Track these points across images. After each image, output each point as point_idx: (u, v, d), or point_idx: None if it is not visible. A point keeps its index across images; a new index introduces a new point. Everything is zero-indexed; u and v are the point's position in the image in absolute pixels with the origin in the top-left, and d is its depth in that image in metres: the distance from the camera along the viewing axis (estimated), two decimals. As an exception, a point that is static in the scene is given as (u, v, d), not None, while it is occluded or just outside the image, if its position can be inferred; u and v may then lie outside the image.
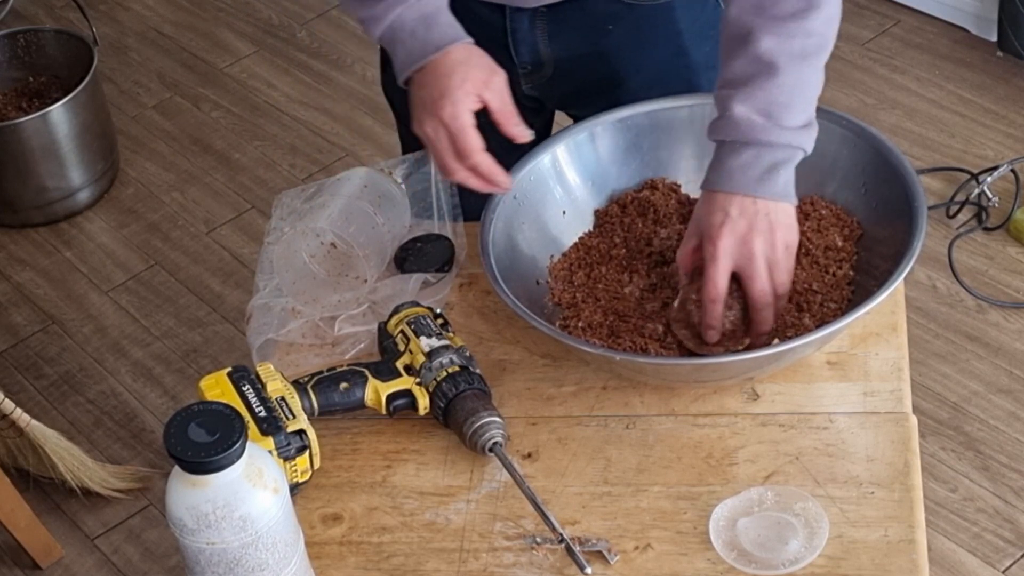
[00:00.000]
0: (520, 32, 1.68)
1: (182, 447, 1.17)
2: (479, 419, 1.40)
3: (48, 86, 3.26)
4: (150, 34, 3.75)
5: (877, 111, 3.20)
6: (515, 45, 1.69)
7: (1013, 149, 3.05)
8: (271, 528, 1.20)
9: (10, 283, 3.08)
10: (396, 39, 1.53)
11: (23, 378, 2.86)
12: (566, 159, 1.61)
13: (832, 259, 1.52)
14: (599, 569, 1.31)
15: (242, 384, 1.41)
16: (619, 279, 1.54)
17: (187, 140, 3.40)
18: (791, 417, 1.43)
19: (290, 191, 1.70)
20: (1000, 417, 2.56)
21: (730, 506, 1.35)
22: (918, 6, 3.44)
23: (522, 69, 1.71)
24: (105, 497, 2.59)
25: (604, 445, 1.43)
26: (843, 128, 1.56)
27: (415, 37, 1.52)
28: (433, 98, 1.48)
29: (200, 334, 2.92)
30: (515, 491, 1.37)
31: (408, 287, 1.60)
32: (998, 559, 2.36)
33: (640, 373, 1.47)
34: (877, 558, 1.29)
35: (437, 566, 1.34)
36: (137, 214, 3.22)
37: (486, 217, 1.53)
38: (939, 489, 2.45)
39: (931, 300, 2.77)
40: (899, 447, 1.39)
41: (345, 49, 3.61)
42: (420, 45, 1.51)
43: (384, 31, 1.54)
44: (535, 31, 1.68)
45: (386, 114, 3.33)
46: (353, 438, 1.47)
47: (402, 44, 1.53)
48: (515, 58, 1.70)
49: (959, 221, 2.92)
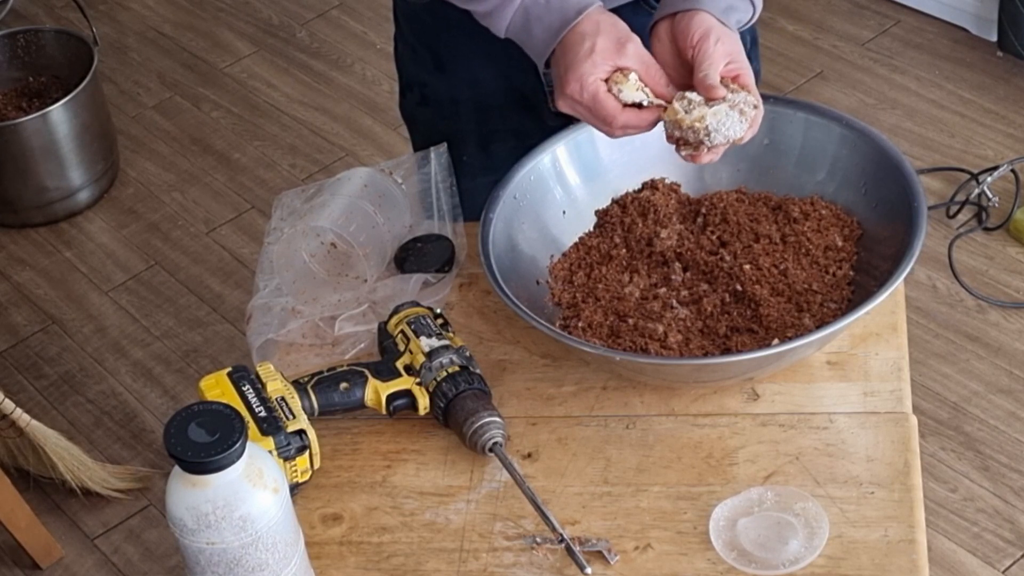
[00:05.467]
0: None
1: (182, 447, 1.17)
2: (479, 419, 1.40)
3: (48, 86, 3.26)
4: (150, 34, 3.75)
5: (877, 111, 3.20)
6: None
7: (1013, 149, 3.05)
8: (271, 528, 1.20)
9: (10, 283, 3.08)
10: (530, 17, 1.50)
11: (23, 378, 2.86)
12: (566, 159, 1.61)
13: (832, 259, 1.52)
14: (599, 569, 1.31)
15: (242, 384, 1.41)
16: (619, 279, 1.54)
17: (187, 140, 3.40)
18: (791, 417, 1.43)
19: (290, 191, 1.70)
20: (1000, 417, 2.56)
21: (730, 506, 1.35)
22: (918, 6, 3.44)
23: (549, 87, 1.71)
24: (105, 497, 2.59)
25: (604, 445, 1.43)
26: (843, 128, 1.57)
27: (550, 9, 1.48)
28: (560, 75, 1.46)
29: (200, 334, 2.92)
30: (515, 491, 1.37)
31: (408, 287, 1.60)
32: (998, 559, 2.36)
33: (640, 373, 1.47)
34: (877, 558, 1.29)
35: (437, 566, 1.34)
36: (137, 214, 3.23)
37: (486, 217, 1.53)
38: (939, 489, 2.45)
39: (931, 300, 2.77)
40: (899, 447, 1.39)
41: (345, 49, 3.61)
42: (558, 17, 1.47)
43: (516, 13, 1.50)
44: None
45: (386, 114, 3.37)
46: (353, 438, 1.47)
47: (538, 21, 1.49)
48: (543, 77, 1.69)
49: (959, 221, 2.92)
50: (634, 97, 1.44)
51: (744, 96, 1.42)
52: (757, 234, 1.54)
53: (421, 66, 1.76)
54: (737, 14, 1.48)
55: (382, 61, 3.53)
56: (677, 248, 1.55)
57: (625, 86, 1.44)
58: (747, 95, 1.42)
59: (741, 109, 1.41)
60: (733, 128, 1.41)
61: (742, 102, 1.42)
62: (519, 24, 1.51)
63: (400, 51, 1.80)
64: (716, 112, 1.41)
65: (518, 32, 1.52)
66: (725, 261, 1.52)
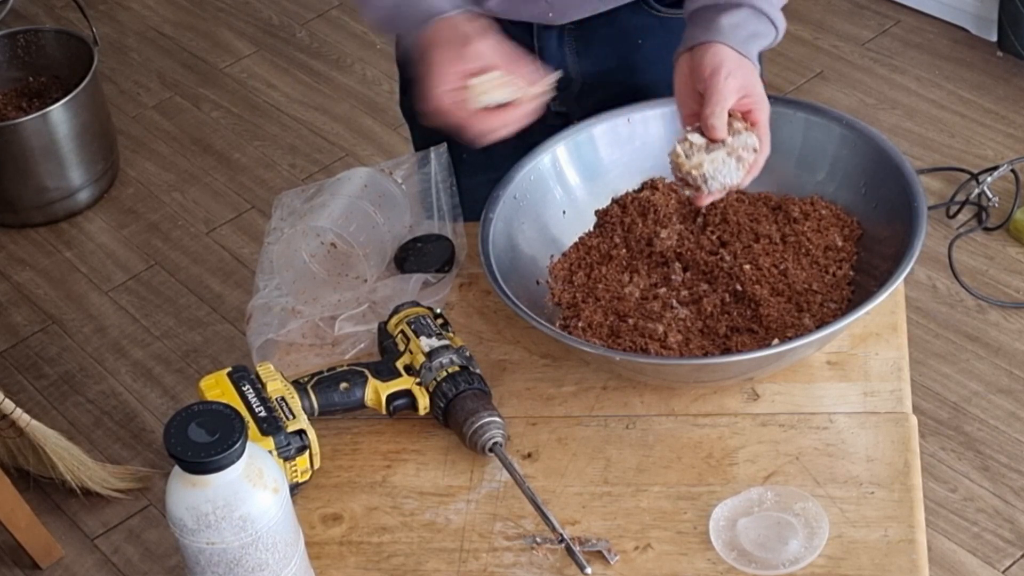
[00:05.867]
0: (549, 50, 1.68)
1: (182, 447, 1.17)
2: (479, 419, 1.40)
3: (48, 86, 3.26)
4: (150, 34, 3.75)
5: (877, 111, 3.20)
6: (543, 63, 1.68)
7: (1013, 149, 3.05)
8: (271, 528, 1.20)
9: (10, 283, 3.08)
10: (394, 20, 1.50)
11: (23, 378, 2.86)
12: (566, 159, 1.61)
13: (832, 259, 1.52)
14: (599, 569, 1.31)
15: (242, 384, 1.41)
16: (619, 279, 1.54)
17: (187, 140, 3.40)
18: (791, 417, 1.43)
19: (290, 191, 1.70)
20: (1000, 417, 2.56)
21: (730, 506, 1.35)
22: (918, 6, 3.44)
23: None
24: (105, 497, 2.59)
25: (604, 445, 1.43)
26: (843, 128, 1.57)
27: (403, 18, 1.47)
28: (419, 89, 1.46)
29: (200, 334, 2.92)
30: (515, 491, 1.37)
31: (408, 287, 1.60)
32: (998, 559, 2.36)
33: (640, 373, 1.47)
34: (877, 558, 1.29)
35: (437, 566, 1.34)
36: (137, 214, 3.23)
37: (486, 217, 1.53)
38: (939, 489, 2.45)
39: (931, 300, 2.77)
40: (899, 447, 1.39)
41: (345, 49, 3.61)
42: (411, 25, 1.47)
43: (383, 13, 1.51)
44: (564, 48, 1.67)
45: (386, 114, 3.37)
46: (353, 438, 1.47)
47: (403, 22, 1.49)
48: None
49: (959, 221, 2.92)
50: (498, 98, 1.42)
51: (745, 138, 1.43)
52: (757, 234, 1.54)
53: None
54: (760, 40, 1.49)
55: (382, 61, 3.53)
56: (677, 248, 1.55)
57: (484, 90, 1.42)
58: (749, 136, 1.43)
59: (739, 155, 1.43)
60: (730, 176, 1.43)
61: (741, 147, 1.43)
62: (388, 25, 1.52)
63: (402, 47, 1.80)
64: (713, 159, 1.43)
65: (390, 31, 1.52)
66: (725, 261, 1.52)
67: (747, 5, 1.47)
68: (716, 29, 1.46)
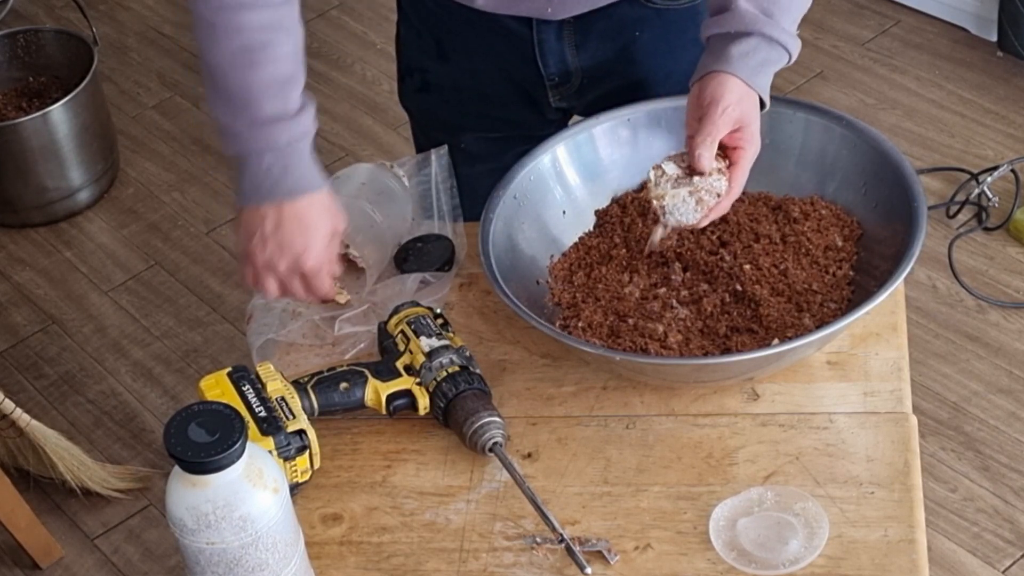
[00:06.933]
0: (548, 44, 1.68)
1: (182, 447, 1.17)
2: (479, 419, 1.40)
3: (48, 86, 3.26)
4: (150, 34, 3.75)
5: (877, 111, 3.20)
6: (543, 57, 1.69)
7: (1013, 149, 3.05)
8: (271, 528, 1.20)
9: (10, 283, 3.08)
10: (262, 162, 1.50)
11: (23, 378, 2.86)
12: (566, 159, 1.61)
13: (832, 259, 1.52)
14: (599, 569, 1.31)
15: (242, 384, 1.41)
16: (619, 279, 1.54)
17: (187, 140, 3.40)
18: (791, 417, 1.43)
19: (290, 191, 1.70)
20: (1000, 417, 2.56)
21: (730, 506, 1.35)
22: (918, 6, 3.44)
23: (549, 81, 1.71)
24: (105, 497, 2.59)
25: (604, 445, 1.43)
26: (843, 128, 1.57)
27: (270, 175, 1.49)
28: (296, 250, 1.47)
29: (200, 334, 2.92)
30: (515, 491, 1.37)
31: (408, 287, 1.60)
32: (998, 559, 2.36)
33: (640, 373, 1.47)
34: (877, 558, 1.29)
35: (437, 566, 1.34)
36: (137, 214, 3.22)
37: (486, 217, 1.53)
38: (939, 489, 2.45)
39: (931, 300, 2.77)
40: (899, 447, 1.39)
41: (345, 49, 3.61)
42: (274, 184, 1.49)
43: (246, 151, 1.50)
44: (563, 42, 1.68)
45: (386, 114, 3.37)
46: (353, 438, 1.47)
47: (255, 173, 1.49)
48: (543, 70, 1.70)
49: (959, 221, 2.92)
50: None
51: (713, 182, 1.45)
52: (757, 234, 1.54)
53: (424, 52, 1.76)
54: (772, 66, 1.50)
55: (382, 61, 3.53)
56: (677, 248, 1.55)
57: None
58: (717, 180, 1.45)
59: (700, 197, 1.45)
60: (686, 215, 1.46)
61: (705, 189, 1.45)
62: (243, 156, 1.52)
63: (403, 36, 1.80)
64: (675, 195, 1.45)
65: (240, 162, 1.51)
66: (725, 261, 1.52)
67: (757, 33, 1.48)
68: (726, 59, 1.47)
